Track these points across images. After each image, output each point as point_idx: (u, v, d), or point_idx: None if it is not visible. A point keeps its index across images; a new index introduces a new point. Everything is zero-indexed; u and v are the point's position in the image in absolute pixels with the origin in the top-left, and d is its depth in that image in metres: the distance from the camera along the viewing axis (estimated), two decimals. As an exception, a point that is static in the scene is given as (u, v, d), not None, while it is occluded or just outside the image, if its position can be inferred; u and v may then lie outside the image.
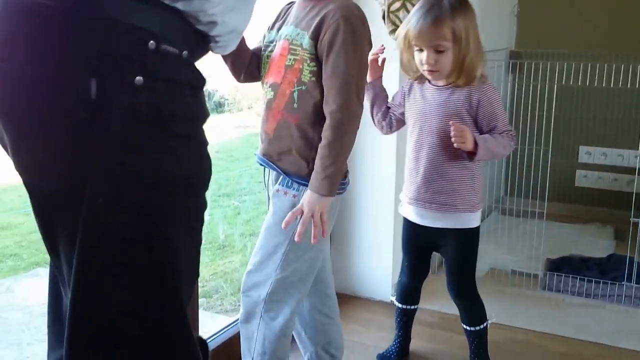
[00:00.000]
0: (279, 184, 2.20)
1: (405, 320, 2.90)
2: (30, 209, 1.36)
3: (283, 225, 2.08)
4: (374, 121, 2.69)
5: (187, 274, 1.34)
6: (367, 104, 2.61)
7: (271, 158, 2.20)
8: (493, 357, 2.90)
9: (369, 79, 2.56)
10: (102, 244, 1.22)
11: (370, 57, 2.43)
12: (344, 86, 2.03)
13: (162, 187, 1.26)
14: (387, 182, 3.52)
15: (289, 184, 2.16)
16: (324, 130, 2.06)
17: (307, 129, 2.10)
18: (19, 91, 1.21)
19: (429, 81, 2.52)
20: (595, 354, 3.08)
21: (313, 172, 2.07)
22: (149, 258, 1.25)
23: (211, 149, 1.43)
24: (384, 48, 2.55)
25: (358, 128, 2.11)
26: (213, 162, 1.43)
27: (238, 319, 2.68)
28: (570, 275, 3.72)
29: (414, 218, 2.61)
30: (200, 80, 1.37)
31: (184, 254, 1.31)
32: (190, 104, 1.34)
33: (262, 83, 2.24)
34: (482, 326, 2.71)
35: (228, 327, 2.93)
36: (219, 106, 7.42)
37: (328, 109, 2.05)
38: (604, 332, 3.28)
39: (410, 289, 2.83)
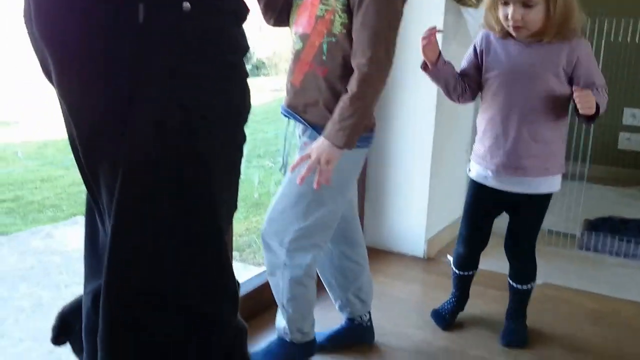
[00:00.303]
0: (307, 137, 2.17)
1: (462, 285, 2.79)
2: (69, 163, 1.37)
3: (298, 180, 2.05)
4: (452, 99, 2.46)
5: (227, 203, 1.35)
6: (439, 86, 2.44)
7: (296, 110, 2.17)
8: (528, 313, 2.87)
9: (430, 65, 2.36)
10: (146, 168, 1.23)
11: (422, 41, 2.31)
12: (374, 39, 1.97)
13: (205, 114, 1.27)
14: (424, 137, 3.48)
15: (316, 137, 2.14)
16: (350, 81, 2.01)
17: (335, 81, 2.06)
18: (66, 16, 1.21)
19: (512, 36, 2.29)
20: (632, 312, 3.03)
21: (330, 120, 2.03)
22: (191, 184, 1.26)
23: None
24: (437, 29, 2.31)
25: (384, 84, 2.04)
26: (249, 124, 1.43)
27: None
28: (609, 235, 3.66)
29: (493, 183, 2.44)
30: (244, 11, 1.36)
31: (224, 183, 1.32)
32: (235, 34, 1.33)
33: (291, 32, 2.20)
34: (530, 286, 2.63)
35: (258, 276, 2.94)
36: (256, 69, 7.41)
37: (356, 61, 1.99)
38: (627, 287, 3.22)
39: (469, 257, 2.69)
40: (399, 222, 3.65)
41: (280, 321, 2.38)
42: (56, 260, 3.64)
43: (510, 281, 2.65)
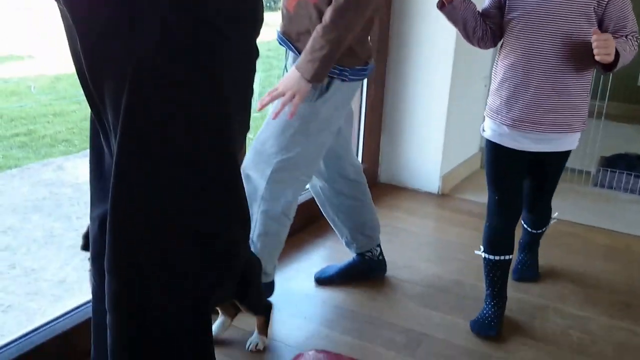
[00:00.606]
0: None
1: (499, 276, 2.31)
2: (81, 97, 1.33)
3: (258, 105, 1.99)
4: (472, 42, 2.20)
5: (238, 122, 1.30)
6: (457, 28, 2.19)
7: (290, 38, 2.11)
8: (540, 249, 2.86)
9: (446, 2, 2.12)
10: (153, 82, 1.18)
11: None
12: None
13: (212, 26, 1.21)
14: (442, 73, 3.41)
15: None
16: (326, 11, 1.94)
17: (325, 10, 1.97)
18: None
19: None
20: (645, 248, 3.02)
21: (302, 51, 1.97)
22: (202, 103, 1.22)
23: (263, 48, 1.37)
24: None
25: (362, 17, 1.96)
26: (263, 59, 1.37)
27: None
28: (625, 172, 3.61)
29: (510, 143, 2.16)
30: None
31: (236, 101, 1.27)
32: None
33: None
34: (545, 229, 2.61)
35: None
36: (274, 3, 7.27)
37: None
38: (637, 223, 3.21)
39: (502, 232, 2.29)
40: (414, 159, 3.62)
41: None
42: (68, 192, 3.65)
43: (525, 225, 2.60)
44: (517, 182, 2.26)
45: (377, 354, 2.14)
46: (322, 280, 2.56)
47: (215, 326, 2.05)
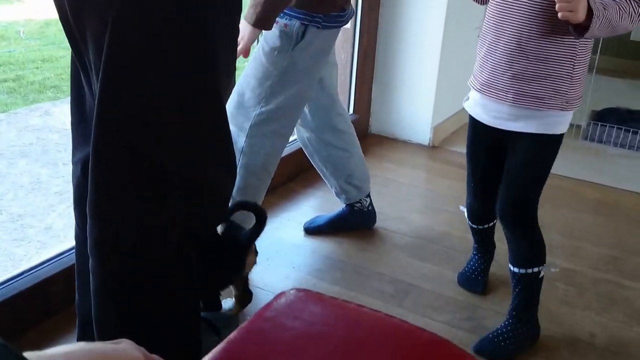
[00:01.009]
0: None
1: (481, 238, 2.26)
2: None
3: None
4: None
5: (224, 63, 1.26)
6: None
7: None
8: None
9: None
10: (136, 21, 1.15)
11: None
12: None
13: None
14: (434, 24, 3.37)
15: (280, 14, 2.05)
16: None
17: None
18: None
19: None
20: (632, 202, 3.03)
21: None
22: (186, 42, 1.18)
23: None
24: None
25: None
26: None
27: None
28: (615, 126, 3.61)
29: (480, 115, 1.91)
30: None
31: (219, 42, 1.23)
32: None
33: None
34: (529, 270, 1.96)
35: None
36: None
37: None
38: (629, 177, 3.21)
39: (480, 210, 2.15)
40: (405, 110, 3.60)
41: None
42: (55, 138, 3.62)
43: (509, 263, 2.00)
44: (489, 166, 2.00)
45: (365, 304, 2.16)
46: (311, 230, 2.57)
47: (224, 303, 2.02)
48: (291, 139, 3.13)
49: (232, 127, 2.12)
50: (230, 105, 2.15)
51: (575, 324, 2.13)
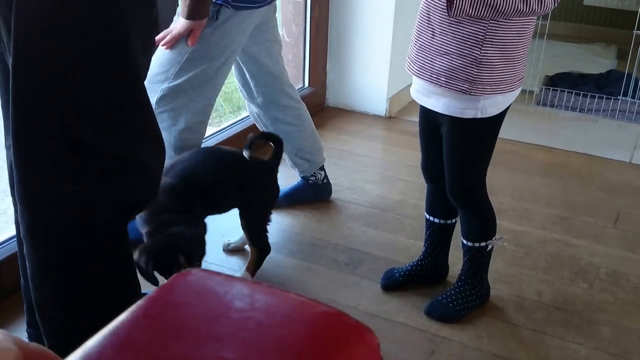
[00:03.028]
0: None
1: (428, 234, 2.14)
2: None
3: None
4: None
5: (140, 40, 1.24)
6: None
7: None
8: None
9: None
10: (47, 6, 1.14)
11: None
12: None
13: None
14: (383, -8, 3.40)
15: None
16: None
17: None
18: None
19: None
20: (582, 163, 3.12)
21: None
22: (95, 11, 1.16)
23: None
24: None
25: None
26: None
27: (223, 128, 2.71)
28: (566, 90, 3.69)
29: (413, 92, 1.91)
30: None
31: (133, 19, 1.21)
32: None
33: None
34: (476, 245, 1.99)
35: (216, 134, 2.95)
36: None
37: None
38: (593, 144, 3.30)
39: (432, 194, 2.10)
40: (361, 82, 3.63)
41: None
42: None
43: (461, 235, 2.03)
44: (432, 142, 1.96)
45: (320, 274, 2.22)
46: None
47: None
48: (244, 114, 3.17)
49: None
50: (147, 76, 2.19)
51: (523, 283, 2.21)
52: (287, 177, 2.69)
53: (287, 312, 0.52)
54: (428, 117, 1.91)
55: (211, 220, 2.04)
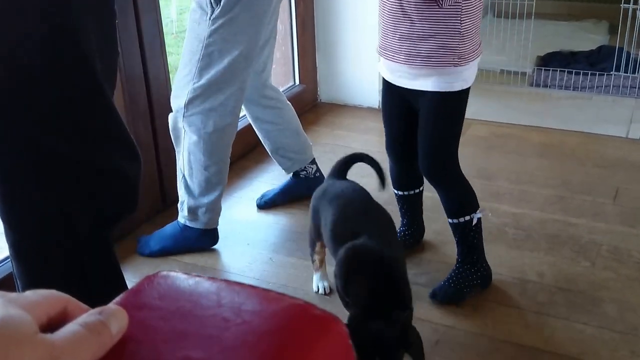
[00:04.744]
0: None
1: (406, 207, 2.26)
2: None
3: None
4: None
5: (94, 42, 1.19)
6: None
7: None
8: (475, 149, 2.92)
9: None
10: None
11: None
12: None
13: None
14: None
15: None
16: None
17: None
18: None
19: None
20: (578, 141, 3.09)
21: None
22: (57, 32, 1.12)
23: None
24: None
25: None
26: None
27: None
28: (558, 69, 3.66)
29: (386, 74, 1.98)
30: None
31: (94, 27, 1.17)
32: None
33: None
34: (460, 220, 2.01)
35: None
36: None
37: None
38: (588, 121, 3.28)
39: (396, 171, 2.19)
40: (352, 75, 3.61)
41: (182, 195, 2.27)
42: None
43: (446, 215, 2.07)
44: (404, 127, 2.03)
45: (319, 270, 2.20)
46: (263, 205, 2.59)
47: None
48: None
49: (174, 106, 2.15)
50: (174, 88, 2.18)
51: (524, 265, 2.19)
52: (285, 176, 2.67)
53: (254, 307, 0.50)
54: (399, 99, 1.98)
55: (237, 230, 2.03)
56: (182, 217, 2.26)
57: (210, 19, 2.03)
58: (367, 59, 3.53)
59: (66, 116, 1.18)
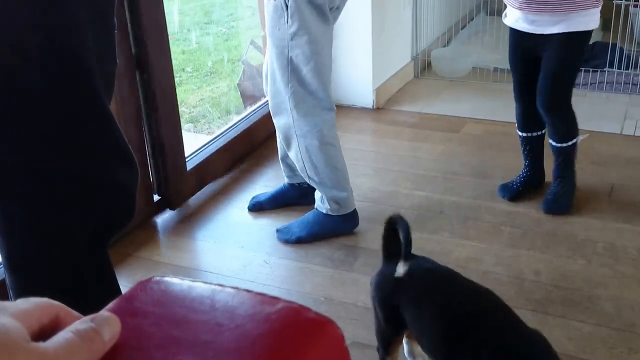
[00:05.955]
0: None
1: (529, 149, 2.56)
2: None
3: None
4: None
5: (91, 43, 1.17)
6: None
7: None
8: (470, 147, 2.92)
9: None
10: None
11: None
12: None
13: None
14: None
15: None
16: None
17: None
18: None
19: None
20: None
21: None
22: (58, 44, 1.11)
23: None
24: None
25: None
26: None
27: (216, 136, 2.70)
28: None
29: (524, 25, 2.31)
30: None
31: (95, 39, 1.16)
32: None
33: None
34: (568, 143, 2.44)
35: (209, 144, 2.90)
36: None
37: None
38: (583, 118, 3.23)
39: (524, 111, 2.51)
40: (345, 75, 3.61)
41: (317, 192, 2.37)
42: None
43: (550, 140, 2.47)
44: (531, 71, 2.36)
45: (316, 273, 2.20)
46: (251, 208, 2.57)
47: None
48: (235, 119, 3.14)
49: (281, 117, 2.22)
50: (270, 97, 2.24)
51: (521, 264, 2.19)
52: (280, 180, 2.67)
53: (247, 311, 0.50)
54: (529, 46, 2.32)
55: (232, 233, 2.03)
56: (323, 208, 2.35)
57: (286, 21, 2.09)
58: (360, 58, 3.53)
59: (66, 131, 1.17)
